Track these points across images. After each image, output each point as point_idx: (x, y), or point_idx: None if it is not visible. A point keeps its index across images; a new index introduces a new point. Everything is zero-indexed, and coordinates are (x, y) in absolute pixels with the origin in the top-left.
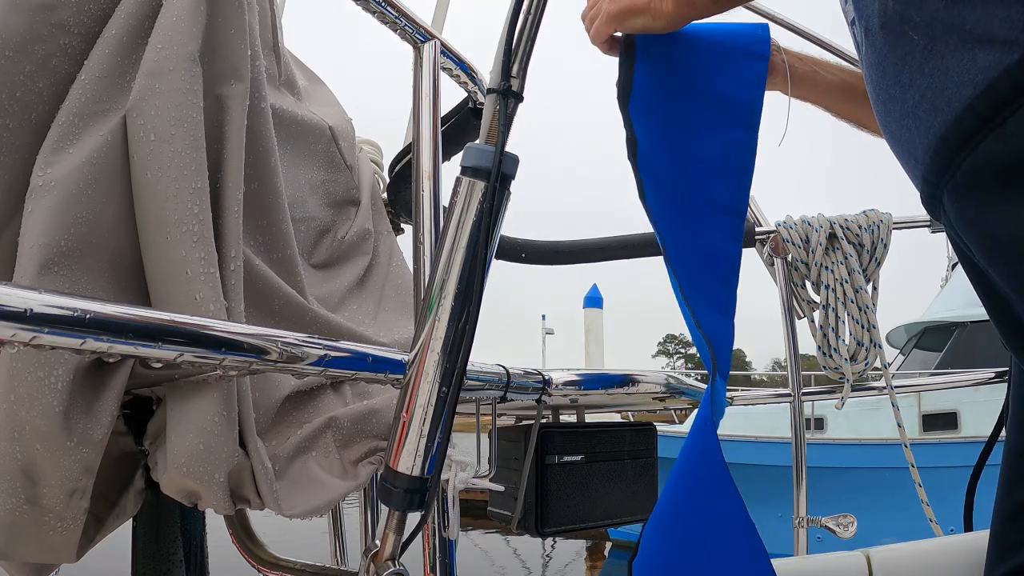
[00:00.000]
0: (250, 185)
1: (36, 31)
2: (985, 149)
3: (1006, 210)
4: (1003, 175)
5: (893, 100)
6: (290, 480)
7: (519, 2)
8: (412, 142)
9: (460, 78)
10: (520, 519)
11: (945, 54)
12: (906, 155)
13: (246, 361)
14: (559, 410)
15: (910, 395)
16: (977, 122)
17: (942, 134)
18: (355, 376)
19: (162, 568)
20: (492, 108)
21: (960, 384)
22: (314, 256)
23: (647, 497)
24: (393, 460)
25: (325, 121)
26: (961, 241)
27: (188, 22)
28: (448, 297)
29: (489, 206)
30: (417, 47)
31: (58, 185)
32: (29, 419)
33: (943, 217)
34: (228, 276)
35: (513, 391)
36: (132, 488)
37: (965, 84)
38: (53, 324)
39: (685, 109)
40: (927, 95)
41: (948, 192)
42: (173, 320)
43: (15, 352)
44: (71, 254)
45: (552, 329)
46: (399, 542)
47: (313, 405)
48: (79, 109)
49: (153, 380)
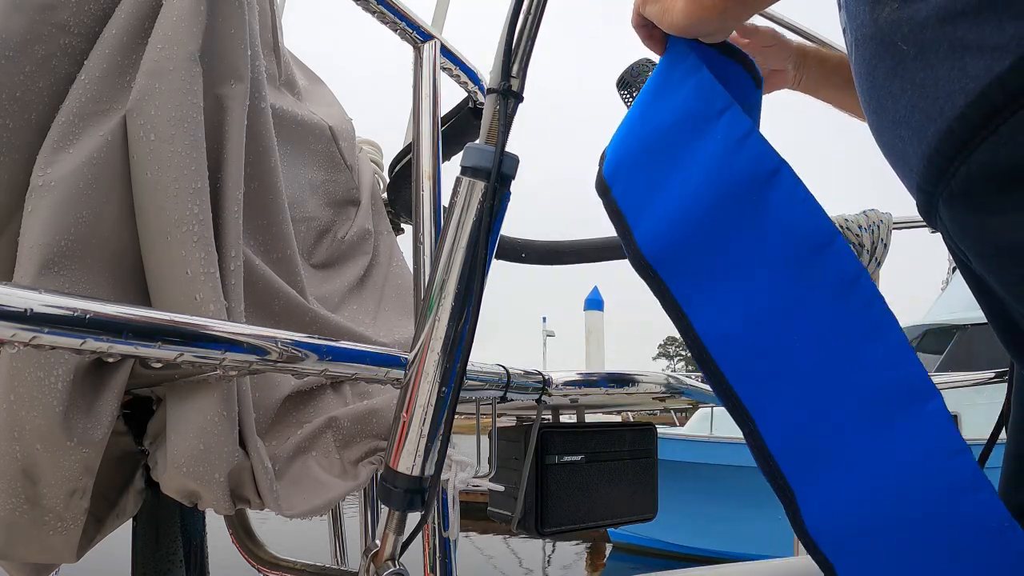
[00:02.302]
0: (250, 185)
1: (36, 31)
2: (979, 157)
3: (1002, 217)
4: (998, 182)
5: (885, 109)
6: (290, 480)
7: (519, 2)
8: (412, 142)
9: (460, 78)
10: (520, 519)
11: (935, 63)
12: (900, 164)
13: (246, 361)
14: (559, 410)
15: None
16: (970, 130)
17: (935, 143)
18: (355, 376)
19: (162, 568)
20: (492, 108)
21: (960, 384)
22: (314, 256)
23: (647, 497)
24: (393, 460)
25: (325, 121)
26: (958, 249)
27: (188, 22)
28: (448, 297)
29: (489, 206)
30: (417, 47)
31: (58, 185)
32: (29, 419)
33: (939, 225)
34: (228, 276)
35: (513, 391)
36: (132, 488)
37: (956, 93)
38: (53, 324)
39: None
40: (919, 104)
41: (943, 200)
42: (173, 320)
43: (15, 352)
44: (71, 254)
45: (553, 331)
46: (399, 542)
47: (313, 405)
48: (79, 109)
49: (153, 380)
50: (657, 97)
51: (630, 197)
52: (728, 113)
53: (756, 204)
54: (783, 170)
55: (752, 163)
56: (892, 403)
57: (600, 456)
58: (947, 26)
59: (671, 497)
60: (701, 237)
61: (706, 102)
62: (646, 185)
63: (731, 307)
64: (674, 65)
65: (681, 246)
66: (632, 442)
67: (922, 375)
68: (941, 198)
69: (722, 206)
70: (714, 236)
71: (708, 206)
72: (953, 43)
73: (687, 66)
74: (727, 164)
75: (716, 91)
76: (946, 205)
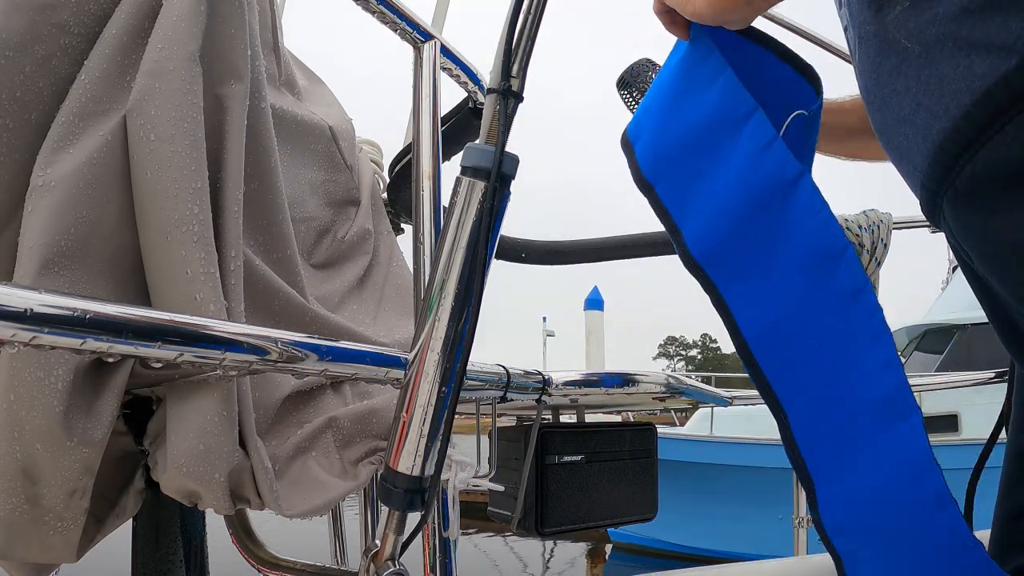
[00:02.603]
0: (250, 185)
1: (36, 31)
2: (984, 156)
3: (1006, 217)
4: (1003, 182)
5: (889, 108)
6: (290, 480)
7: (519, 2)
8: (412, 142)
9: (460, 78)
10: (520, 519)
11: (940, 61)
12: (904, 162)
13: (246, 361)
14: (559, 410)
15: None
16: (975, 129)
17: (940, 142)
18: (355, 376)
19: (162, 568)
20: (492, 108)
21: (960, 384)
22: (314, 256)
23: (647, 497)
24: (393, 460)
25: (325, 121)
26: (961, 248)
27: (188, 22)
28: (448, 297)
29: (489, 206)
30: (417, 47)
31: (58, 185)
32: (29, 419)
33: (943, 224)
34: (228, 276)
35: (513, 391)
36: (132, 488)
37: (962, 91)
38: (53, 324)
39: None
40: (924, 103)
41: (948, 199)
42: (173, 320)
43: (15, 352)
44: (71, 254)
45: (553, 331)
46: (399, 542)
47: (313, 405)
48: (79, 109)
49: (153, 380)
50: (687, 91)
51: (674, 196)
52: (753, 118)
53: (779, 210)
54: (804, 177)
55: (776, 169)
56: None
57: (600, 456)
58: (953, 24)
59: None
60: (736, 239)
61: (732, 106)
62: (687, 184)
63: (763, 305)
64: (702, 60)
65: (722, 247)
66: (632, 442)
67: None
68: (945, 197)
69: (751, 211)
70: (747, 239)
71: (739, 213)
72: (959, 42)
73: (714, 64)
74: (754, 169)
75: (741, 95)
76: (950, 204)
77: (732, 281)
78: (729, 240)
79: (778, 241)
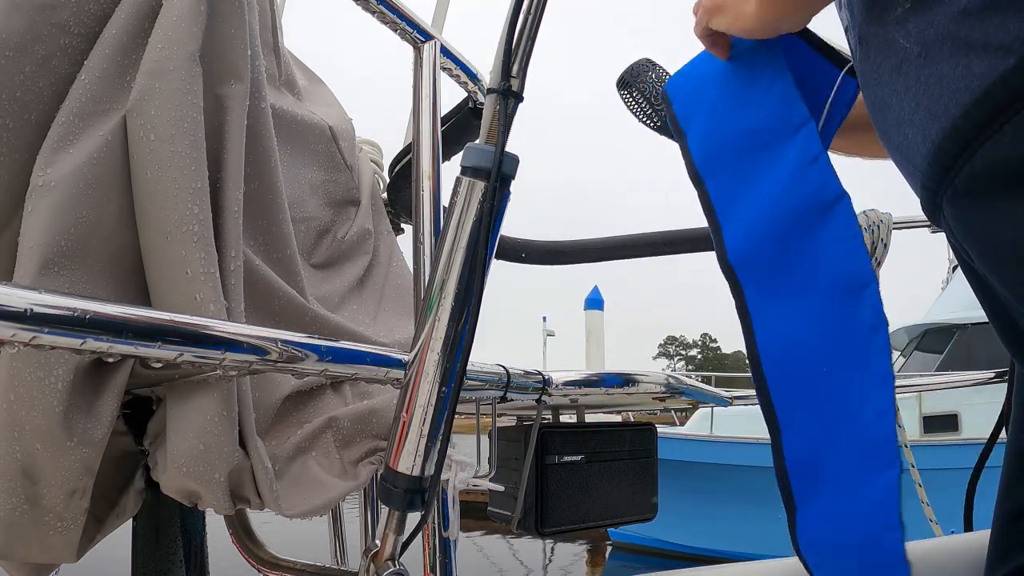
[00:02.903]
0: (250, 185)
1: (36, 31)
2: (983, 156)
3: (1005, 217)
4: (1002, 181)
5: (889, 108)
6: (290, 480)
7: (519, 2)
8: (412, 142)
9: (460, 78)
10: (520, 519)
11: (940, 62)
12: (905, 162)
13: (246, 361)
14: (559, 410)
15: (911, 396)
16: (974, 129)
17: (939, 142)
18: (355, 376)
19: (162, 568)
20: (492, 108)
21: (961, 384)
22: (314, 256)
23: (647, 497)
24: (393, 460)
25: (325, 121)
26: (961, 247)
27: (188, 22)
28: (448, 297)
29: (489, 206)
30: (417, 47)
31: (58, 185)
32: (29, 419)
33: (943, 224)
34: (228, 276)
35: (513, 391)
36: (132, 488)
37: (961, 91)
38: (53, 324)
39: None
40: (923, 103)
41: (947, 199)
42: (173, 320)
43: (15, 352)
44: (71, 254)
45: (553, 331)
46: (399, 542)
47: (313, 405)
48: (79, 109)
49: (153, 380)
50: (748, 89)
51: (722, 194)
52: (804, 129)
53: (815, 228)
54: (843, 201)
55: (818, 187)
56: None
57: (600, 456)
58: (952, 25)
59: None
60: (770, 250)
61: (786, 116)
62: (736, 186)
63: (785, 324)
64: (766, 59)
65: (756, 255)
66: (632, 442)
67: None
68: (945, 196)
69: (789, 225)
70: (780, 252)
71: (778, 224)
72: (958, 42)
73: (776, 66)
74: (798, 183)
75: (796, 105)
76: (950, 203)
77: (759, 292)
78: (763, 249)
79: (809, 260)
